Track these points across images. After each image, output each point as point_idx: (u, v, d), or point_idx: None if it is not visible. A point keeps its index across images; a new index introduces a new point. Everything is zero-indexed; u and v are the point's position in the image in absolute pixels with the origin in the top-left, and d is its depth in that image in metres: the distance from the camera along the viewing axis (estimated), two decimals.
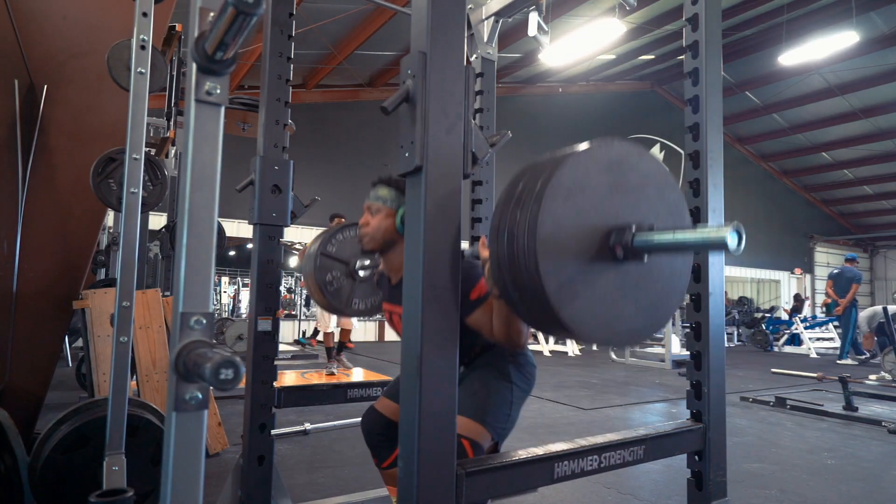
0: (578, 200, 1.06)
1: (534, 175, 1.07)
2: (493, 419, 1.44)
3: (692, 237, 1.03)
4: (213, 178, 0.75)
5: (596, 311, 1.07)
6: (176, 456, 0.69)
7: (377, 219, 1.60)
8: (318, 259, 2.01)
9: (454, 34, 1.11)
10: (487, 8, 2.11)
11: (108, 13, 2.69)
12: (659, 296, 1.17)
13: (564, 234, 1.03)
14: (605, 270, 1.08)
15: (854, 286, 8.26)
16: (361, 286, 2.11)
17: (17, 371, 2.41)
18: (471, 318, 1.39)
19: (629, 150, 1.15)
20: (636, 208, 1.12)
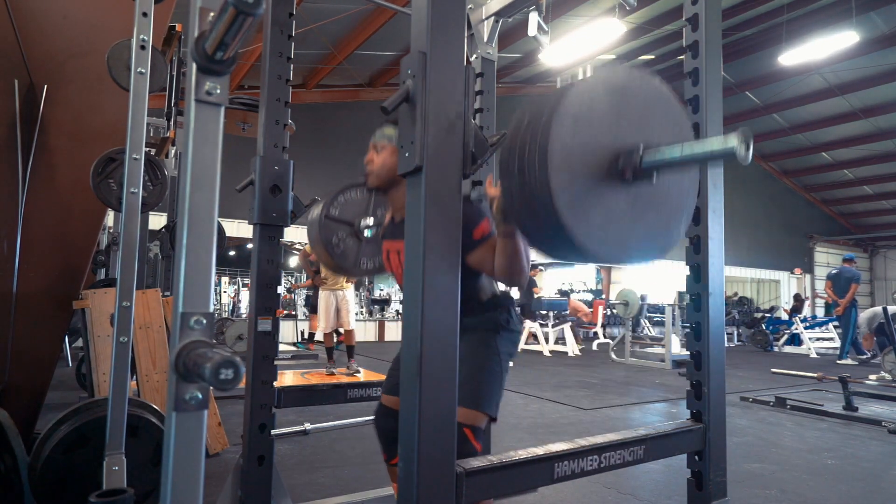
0: (586, 125, 1.08)
1: (539, 106, 1.10)
2: (488, 400, 1.47)
3: (700, 149, 1.04)
4: (213, 178, 0.75)
5: (608, 230, 1.10)
6: (176, 456, 0.69)
7: (382, 156, 1.63)
8: (323, 222, 2.03)
9: (454, 34, 1.11)
10: (487, 8, 2.11)
11: (108, 13, 2.69)
12: (669, 215, 1.20)
13: (574, 158, 1.06)
14: (615, 192, 1.11)
15: (853, 286, 8.28)
16: (368, 246, 2.13)
17: (17, 371, 2.41)
18: (472, 256, 1.43)
19: (631, 74, 1.18)
20: (642, 130, 1.15)
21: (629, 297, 9.04)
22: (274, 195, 1.92)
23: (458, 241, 1.11)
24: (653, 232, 1.17)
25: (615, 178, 1.10)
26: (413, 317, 1.06)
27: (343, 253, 2.08)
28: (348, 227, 2.10)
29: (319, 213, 2.04)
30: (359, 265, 2.11)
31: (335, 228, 2.07)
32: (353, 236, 2.10)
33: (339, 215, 2.08)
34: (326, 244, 2.03)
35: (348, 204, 2.10)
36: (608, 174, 1.10)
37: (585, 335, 12.67)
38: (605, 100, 1.12)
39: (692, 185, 1.27)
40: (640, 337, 10.64)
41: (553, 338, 9.73)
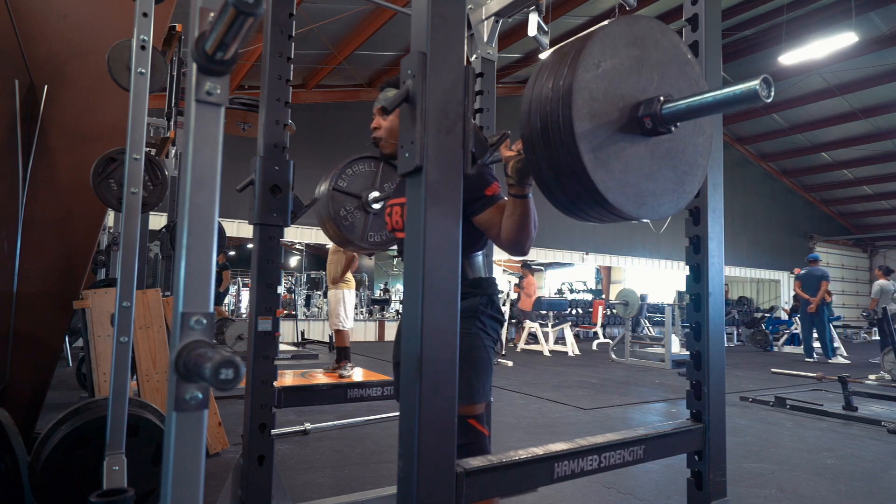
0: (608, 72, 1.09)
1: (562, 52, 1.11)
2: (480, 391, 1.49)
3: (722, 94, 1.05)
4: (213, 178, 0.75)
5: (628, 182, 1.11)
6: (176, 456, 0.69)
7: (389, 119, 1.64)
8: (331, 194, 2.03)
9: (454, 34, 1.11)
10: (487, 8, 2.11)
11: (109, 13, 2.69)
12: (683, 172, 1.22)
13: (597, 105, 1.07)
14: (635, 142, 1.13)
15: (824, 283, 8.54)
16: (375, 219, 2.13)
17: (17, 371, 2.41)
18: (481, 216, 1.43)
19: (652, 25, 1.19)
20: (661, 82, 1.17)
21: (629, 296, 9.05)
22: (274, 195, 1.92)
23: (458, 242, 1.11)
24: (667, 187, 1.19)
25: (635, 128, 1.12)
26: (413, 317, 1.06)
27: (351, 225, 2.08)
28: (356, 200, 2.10)
29: (328, 185, 2.05)
30: (366, 238, 2.11)
31: (343, 201, 2.08)
32: (360, 209, 2.11)
33: (346, 188, 2.08)
34: (335, 216, 2.03)
35: (356, 176, 2.11)
36: (628, 123, 1.11)
37: (585, 335, 12.67)
38: (626, 49, 1.13)
39: (706, 143, 1.28)
40: (640, 337, 10.65)
41: (553, 338, 9.73)
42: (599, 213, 1.15)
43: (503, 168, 1.34)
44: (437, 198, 1.07)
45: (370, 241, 2.12)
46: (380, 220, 2.16)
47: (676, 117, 1.11)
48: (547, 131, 1.07)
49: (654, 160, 1.16)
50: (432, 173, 1.06)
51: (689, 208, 1.63)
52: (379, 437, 3.37)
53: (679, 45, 1.23)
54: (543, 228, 10.75)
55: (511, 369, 7.13)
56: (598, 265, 17.63)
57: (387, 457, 3.02)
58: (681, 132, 1.19)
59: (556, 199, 1.17)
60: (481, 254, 1.63)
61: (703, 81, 1.27)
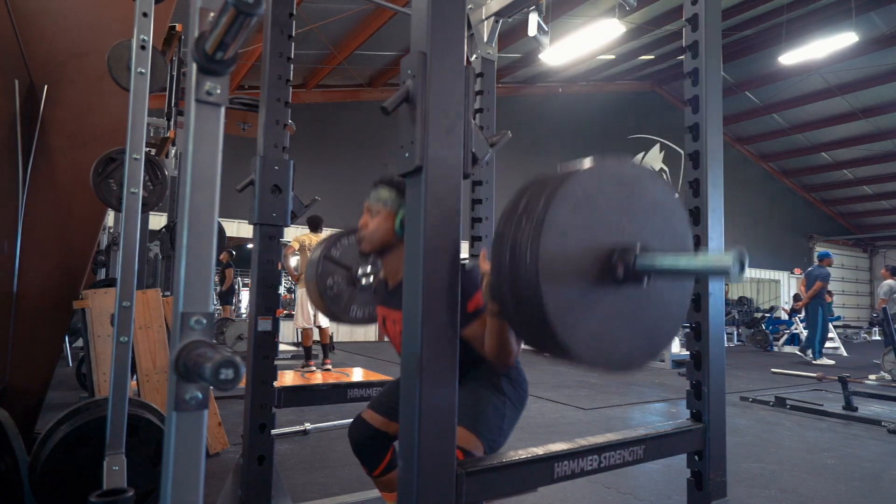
0: (585, 214, 1.05)
1: (541, 186, 1.06)
2: (485, 430, 1.43)
3: (694, 263, 1.01)
4: (213, 178, 0.75)
5: (593, 332, 1.05)
6: (176, 456, 0.69)
7: (376, 220, 1.57)
8: (322, 262, 2.00)
9: (454, 34, 1.11)
10: (487, 8, 2.11)
11: (108, 13, 2.69)
12: (655, 324, 1.15)
13: (568, 247, 1.02)
14: (604, 290, 1.07)
15: (818, 283, 8.38)
16: (361, 294, 2.08)
17: (17, 371, 2.41)
18: (466, 329, 1.38)
19: (641, 171, 1.15)
20: (641, 231, 1.12)
21: None
22: (274, 195, 1.92)
23: (457, 241, 1.11)
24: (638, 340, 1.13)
25: (607, 275, 1.07)
26: (413, 317, 1.06)
27: (336, 296, 2.02)
28: (345, 272, 2.05)
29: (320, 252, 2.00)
30: (348, 312, 2.05)
31: (332, 270, 2.02)
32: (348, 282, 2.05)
33: (339, 258, 2.03)
34: (320, 284, 1.98)
35: (351, 248, 2.05)
36: (601, 269, 1.06)
37: None
38: (610, 190, 1.08)
39: (683, 297, 1.22)
40: None
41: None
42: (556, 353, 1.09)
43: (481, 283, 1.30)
44: (437, 198, 1.07)
45: (351, 315, 2.07)
46: (366, 295, 2.10)
47: (648, 272, 1.06)
48: (515, 263, 1.02)
49: (623, 311, 1.10)
50: (432, 173, 1.06)
51: (690, 208, 1.63)
52: None
53: (667, 194, 1.18)
54: None
55: None
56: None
57: None
58: (656, 284, 1.13)
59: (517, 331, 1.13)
60: None
61: (688, 236, 1.22)
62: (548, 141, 13.10)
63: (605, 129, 14.33)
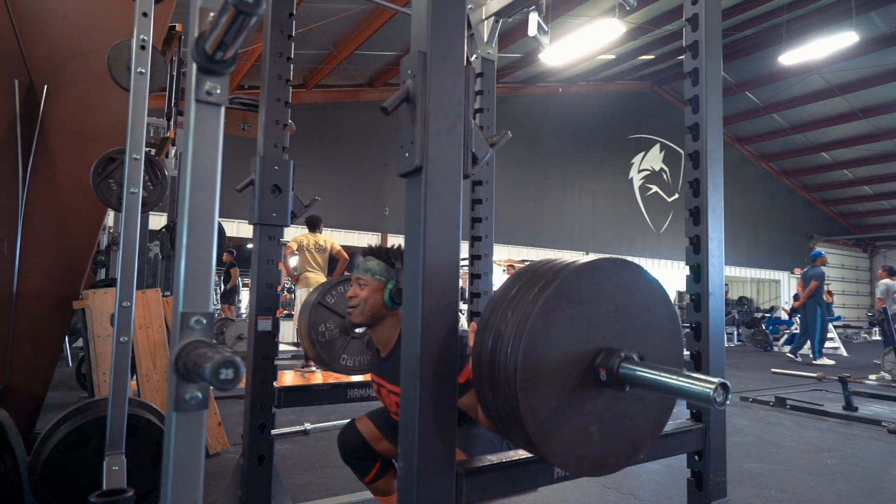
0: (573, 314, 1.04)
1: (535, 277, 1.06)
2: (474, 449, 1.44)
3: (677, 383, 0.98)
4: (213, 178, 0.75)
5: (569, 438, 1.03)
6: (176, 456, 0.69)
7: (365, 292, 1.57)
8: (315, 309, 1.98)
9: (454, 34, 1.11)
10: (487, 8, 2.11)
11: (108, 13, 2.69)
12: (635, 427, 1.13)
13: (551, 348, 1.01)
14: (583, 391, 1.05)
15: (813, 283, 8.38)
16: (354, 343, 2.07)
17: (17, 371, 2.41)
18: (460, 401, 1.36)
19: (640, 274, 1.13)
20: (630, 334, 1.10)
21: None
22: (274, 195, 1.92)
23: (457, 242, 1.11)
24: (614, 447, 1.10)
25: (589, 376, 1.05)
26: (413, 316, 1.06)
27: (327, 343, 2.01)
28: (339, 320, 2.03)
29: (315, 298, 1.99)
30: (338, 360, 2.04)
31: (325, 317, 2.01)
32: (341, 330, 2.04)
33: (333, 305, 2.01)
34: (311, 330, 1.97)
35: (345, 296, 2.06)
36: (584, 371, 1.05)
37: None
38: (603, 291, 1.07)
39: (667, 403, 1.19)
40: None
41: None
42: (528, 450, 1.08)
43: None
44: (437, 198, 1.07)
45: (342, 364, 2.06)
46: (358, 344, 2.09)
47: (631, 381, 1.04)
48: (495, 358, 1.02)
49: (602, 413, 1.07)
50: (432, 173, 1.06)
51: (690, 208, 1.63)
52: None
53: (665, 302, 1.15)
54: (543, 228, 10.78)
55: None
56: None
57: None
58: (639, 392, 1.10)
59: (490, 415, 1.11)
60: None
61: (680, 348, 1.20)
62: (548, 141, 13.10)
63: (605, 129, 14.33)
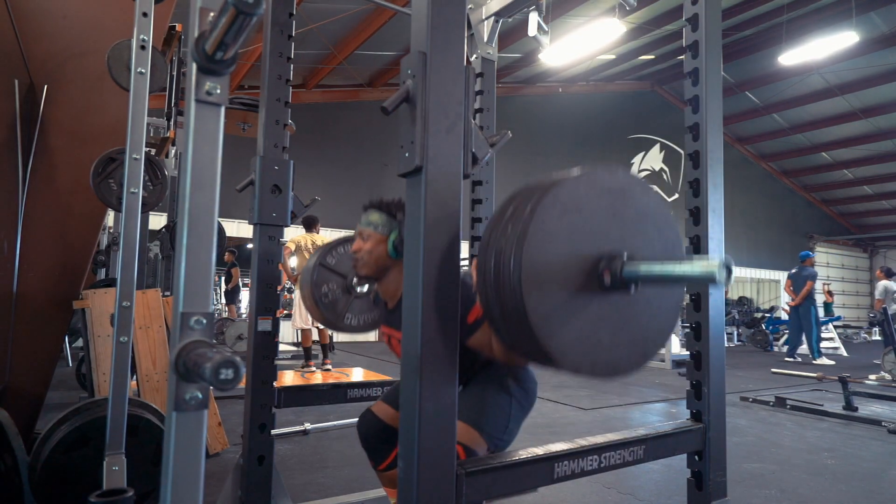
0: (572, 222, 1.04)
1: (528, 193, 1.06)
2: (490, 428, 1.43)
3: (681, 270, 1.01)
4: (213, 178, 0.75)
5: (578, 339, 1.05)
6: (176, 456, 0.69)
7: (368, 245, 1.58)
8: (317, 270, 2.00)
9: (454, 34, 1.11)
10: (487, 8, 2.11)
11: (108, 13, 2.69)
12: (643, 331, 1.15)
13: (553, 255, 1.02)
14: (590, 298, 1.06)
15: (809, 283, 8.53)
16: (357, 301, 2.08)
17: (17, 371, 2.41)
18: (471, 340, 1.39)
19: (631, 180, 1.14)
20: (630, 240, 1.11)
21: None
22: (274, 195, 1.92)
23: (457, 241, 1.11)
24: (625, 347, 1.12)
25: (593, 282, 1.06)
26: (413, 316, 1.06)
27: (330, 304, 2.03)
28: (341, 280, 2.05)
29: (316, 259, 2.01)
30: (342, 319, 2.06)
31: (327, 278, 2.02)
32: (343, 290, 2.05)
33: (334, 266, 2.03)
34: (315, 293, 1.98)
35: (346, 256, 2.05)
36: (587, 277, 1.06)
37: None
38: (599, 198, 1.08)
39: (673, 307, 1.21)
40: None
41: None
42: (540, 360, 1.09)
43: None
44: (437, 198, 1.07)
45: (347, 323, 2.07)
46: (361, 303, 2.10)
47: (635, 279, 1.06)
48: (498, 270, 1.02)
49: (610, 318, 1.09)
50: (432, 173, 1.06)
51: (690, 208, 1.63)
52: None
53: (660, 204, 1.18)
54: None
55: None
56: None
57: None
58: (644, 293, 1.12)
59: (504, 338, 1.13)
60: None
61: (680, 247, 1.22)
62: (548, 141, 13.10)
63: (605, 129, 14.32)
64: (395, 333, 1.63)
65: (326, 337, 6.09)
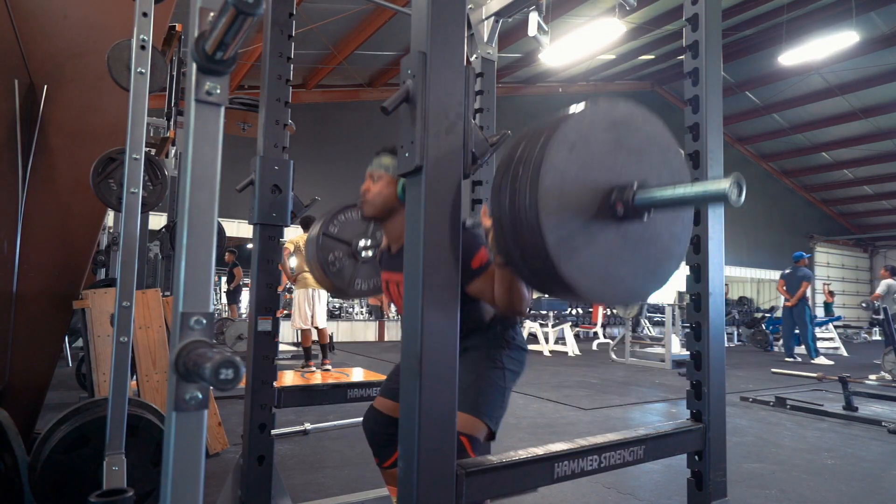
0: (581, 155, 1.07)
1: (536, 132, 1.08)
2: (488, 409, 1.45)
3: (693, 191, 1.03)
4: (213, 178, 0.75)
5: (596, 268, 1.08)
6: (176, 456, 0.69)
7: (378, 186, 1.62)
8: (321, 239, 2.02)
9: (454, 34, 1.11)
10: (487, 8, 2.11)
11: (108, 13, 2.69)
12: (658, 258, 1.19)
13: (566, 189, 1.05)
14: (605, 229, 1.10)
15: (804, 283, 8.62)
16: (364, 267, 2.12)
17: (17, 371, 2.41)
18: (472, 286, 1.41)
19: (634, 110, 1.17)
20: (638, 169, 1.14)
21: None
22: (274, 195, 1.92)
23: (457, 241, 1.11)
24: (641, 274, 1.15)
25: (607, 214, 1.09)
26: (413, 316, 1.06)
27: (339, 272, 2.06)
28: (346, 247, 2.08)
29: (318, 229, 2.03)
30: (353, 285, 2.09)
31: (332, 247, 2.05)
32: (349, 256, 2.08)
33: (337, 234, 2.06)
34: (322, 262, 2.01)
35: (348, 223, 2.08)
36: (600, 209, 1.08)
37: (585, 335, 12.67)
38: (603, 132, 1.10)
39: (684, 231, 1.25)
40: (640, 337, 10.64)
41: (553, 338, 9.73)
42: (566, 295, 1.11)
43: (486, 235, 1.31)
44: (437, 197, 1.07)
45: (357, 288, 2.10)
46: (368, 267, 2.12)
47: (648, 206, 1.08)
48: (515, 209, 1.04)
49: (625, 247, 1.12)
50: (432, 173, 1.06)
51: None
52: None
53: (663, 131, 1.20)
54: None
55: None
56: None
57: None
58: (656, 220, 1.15)
59: (524, 277, 1.16)
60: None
61: (685, 171, 1.24)
62: None
63: None
64: (395, 277, 1.64)
65: (326, 337, 6.09)
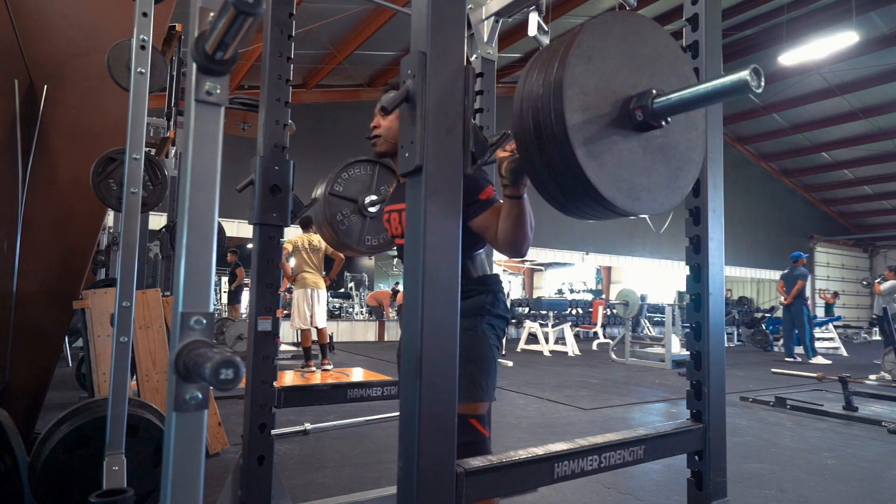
0: (599, 66, 1.10)
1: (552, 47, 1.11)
2: (484, 389, 1.49)
3: (712, 87, 1.05)
4: (213, 178, 0.75)
5: (623, 178, 1.11)
6: (176, 456, 0.69)
7: (388, 119, 1.64)
8: (327, 198, 2.03)
9: (454, 34, 1.11)
10: (487, 8, 2.11)
11: (108, 13, 2.69)
12: (677, 165, 1.22)
13: (588, 98, 1.07)
14: (627, 139, 1.13)
15: (799, 282, 8.72)
16: (373, 222, 2.15)
17: (17, 371, 2.41)
18: (477, 220, 1.43)
19: (642, 21, 1.19)
20: (651, 78, 1.17)
21: (629, 297, 9.04)
22: (274, 195, 1.92)
23: (457, 241, 1.10)
24: (661, 182, 1.19)
25: (627, 122, 1.12)
26: (413, 316, 1.06)
27: (347, 230, 2.10)
28: (352, 204, 2.12)
29: (324, 190, 2.05)
30: (363, 242, 2.13)
31: (339, 205, 2.09)
32: (357, 213, 2.12)
33: (342, 192, 2.10)
34: (331, 221, 2.05)
35: (352, 180, 2.13)
36: (620, 117, 1.11)
37: (585, 335, 12.66)
38: (617, 44, 1.13)
39: (700, 139, 1.29)
40: (640, 337, 10.65)
41: (553, 338, 9.73)
42: (595, 209, 1.15)
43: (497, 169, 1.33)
44: (437, 197, 1.07)
45: (367, 244, 2.14)
46: (376, 223, 2.15)
47: (668, 111, 1.11)
48: (539, 127, 1.08)
49: (646, 155, 1.16)
50: (432, 173, 1.06)
51: (690, 208, 1.63)
52: (379, 437, 3.37)
53: (669, 41, 1.23)
54: (543, 228, 10.82)
55: (511, 369, 7.13)
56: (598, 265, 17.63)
57: (387, 457, 3.02)
58: (673, 127, 1.19)
59: (551, 195, 1.18)
60: (483, 251, 1.63)
61: (693, 77, 1.28)
62: None
63: None
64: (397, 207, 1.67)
65: (325, 337, 6.09)
